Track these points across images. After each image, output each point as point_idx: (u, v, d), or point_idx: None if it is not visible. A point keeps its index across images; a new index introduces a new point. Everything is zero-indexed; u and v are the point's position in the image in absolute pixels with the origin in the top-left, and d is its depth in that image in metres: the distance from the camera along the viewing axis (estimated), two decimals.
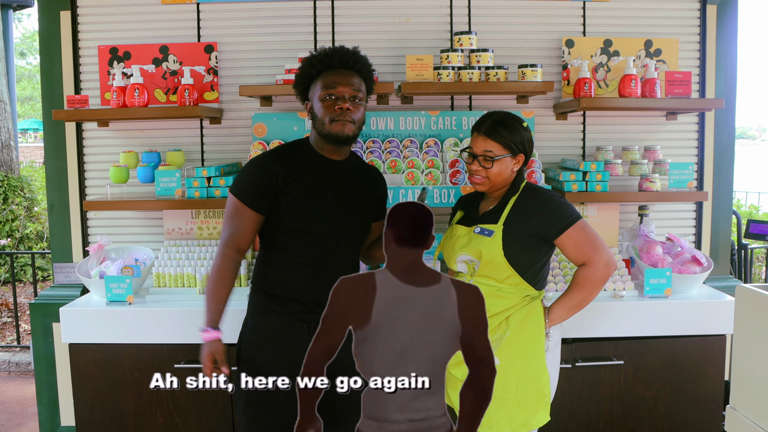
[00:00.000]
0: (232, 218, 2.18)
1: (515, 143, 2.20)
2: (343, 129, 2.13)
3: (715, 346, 2.87)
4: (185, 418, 2.86)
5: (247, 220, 2.17)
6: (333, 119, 2.13)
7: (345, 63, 2.19)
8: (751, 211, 8.94)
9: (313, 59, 2.20)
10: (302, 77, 2.23)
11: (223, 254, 2.17)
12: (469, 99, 3.32)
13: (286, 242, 2.19)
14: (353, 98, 2.15)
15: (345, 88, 2.14)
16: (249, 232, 2.19)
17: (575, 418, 2.88)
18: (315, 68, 2.19)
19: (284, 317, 2.22)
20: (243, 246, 2.20)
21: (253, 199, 2.15)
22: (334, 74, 2.16)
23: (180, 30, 3.28)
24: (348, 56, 2.19)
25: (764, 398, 1.90)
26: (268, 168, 2.17)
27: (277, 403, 2.24)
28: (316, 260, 2.18)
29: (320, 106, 2.14)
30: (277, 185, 2.16)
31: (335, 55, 2.18)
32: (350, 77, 2.17)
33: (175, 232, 3.28)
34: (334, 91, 2.14)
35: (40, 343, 3.31)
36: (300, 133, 3.17)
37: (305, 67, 2.21)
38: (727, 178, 3.40)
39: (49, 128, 3.30)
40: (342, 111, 2.12)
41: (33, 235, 7.74)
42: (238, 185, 2.19)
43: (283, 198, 2.16)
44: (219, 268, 2.17)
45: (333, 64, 2.18)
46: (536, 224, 2.17)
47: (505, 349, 2.18)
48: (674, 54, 3.30)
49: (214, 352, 2.11)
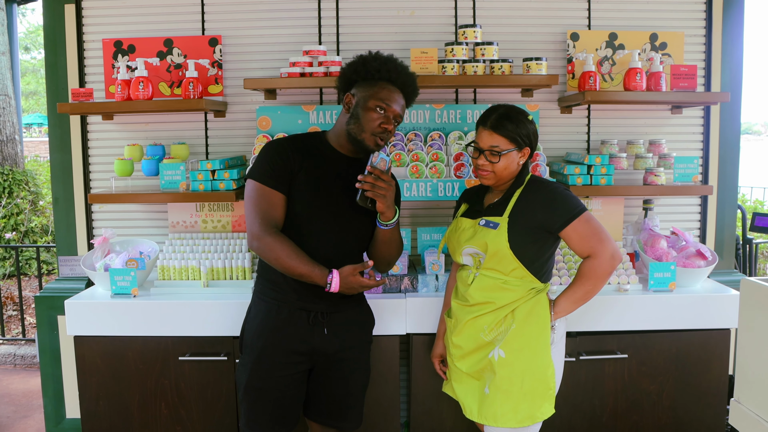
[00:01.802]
0: (258, 202, 2.17)
1: (521, 136, 2.19)
2: (377, 146, 2.19)
3: (719, 340, 2.87)
4: (190, 411, 2.87)
5: (274, 199, 2.18)
6: (374, 134, 2.17)
7: (406, 87, 2.25)
8: (756, 205, 8.92)
9: (380, 62, 2.23)
10: (358, 70, 2.24)
11: (268, 233, 2.13)
12: (473, 92, 3.32)
13: (287, 229, 2.21)
14: (396, 119, 2.21)
15: (396, 110, 2.20)
16: (279, 210, 2.18)
17: (579, 411, 2.88)
18: (379, 73, 2.21)
19: (284, 305, 2.24)
20: (279, 223, 2.18)
21: (276, 180, 2.17)
22: (395, 92, 2.21)
23: (184, 23, 3.28)
24: (411, 81, 2.26)
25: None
26: (285, 150, 2.20)
27: (276, 389, 2.26)
28: (314, 250, 2.19)
29: (366, 116, 2.17)
30: (293, 167, 2.18)
31: (402, 74, 2.23)
32: (402, 99, 2.24)
33: (180, 225, 3.28)
34: (387, 110, 2.18)
35: (45, 335, 3.32)
36: (304, 127, 3.17)
37: (368, 63, 2.22)
38: (732, 172, 3.39)
39: (54, 121, 3.31)
40: (384, 131, 2.18)
41: (38, 228, 7.75)
42: (258, 170, 2.20)
43: (294, 182, 2.19)
44: (276, 242, 2.12)
45: (396, 81, 2.22)
46: (541, 216, 2.17)
47: (510, 341, 2.18)
48: (680, 47, 3.29)
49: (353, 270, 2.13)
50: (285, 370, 2.26)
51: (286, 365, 2.26)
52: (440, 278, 2.92)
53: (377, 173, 2.12)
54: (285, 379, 2.27)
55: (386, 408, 2.87)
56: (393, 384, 2.86)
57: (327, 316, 2.27)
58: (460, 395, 2.33)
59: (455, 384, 2.36)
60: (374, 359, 2.68)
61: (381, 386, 2.84)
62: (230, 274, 2.94)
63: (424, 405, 2.87)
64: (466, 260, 2.29)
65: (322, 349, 2.28)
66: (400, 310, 2.80)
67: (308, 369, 2.33)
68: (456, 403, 2.44)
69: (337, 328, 2.29)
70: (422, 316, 2.80)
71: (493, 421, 2.19)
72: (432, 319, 2.77)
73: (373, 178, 2.11)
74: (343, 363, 2.35)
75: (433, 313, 2.77)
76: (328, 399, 2.37)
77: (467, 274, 2.28)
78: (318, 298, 2.24)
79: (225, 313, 2.78)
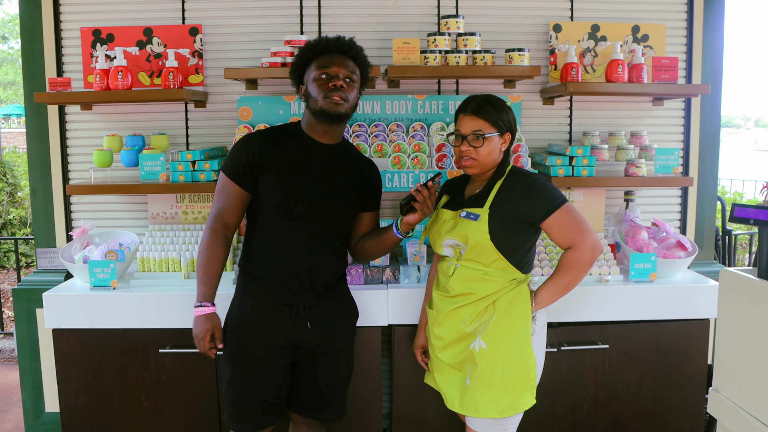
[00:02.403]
0: (220, 194, 2.24)
1: (502, 121, 2.20)
2: (335, 106, 2.17)
3: (698, 330, 2.90)
4: (170, 403, 2.85)
5: (232, 196, 2.21)
6: (326, 96, 2.16)
7: (341, 48, 2.25)
8: (735, 198, 9.02)
9: (311, 44, 2.26)
10: (299, 61, 2.27)
11: (211, 228, 2.21)
12: (456, 83, 3.31)
13: (266, 221, 2.23)
14: (347, 78, 2.20)
15: (340, 69, 2.19)
16: (235, 207, 2.22)
17: (560, 401, 2.89)
18: (312, 52, 2.24)
19: (266, 300, 2.23)
20: (230, 221, 2.23)
21: (237, 174, 2.20)
22: (330, 57, 2.22)
23: (164, 12, 3.23)
24: (344, 43, 2.26)
25: (747, 381, 1.92)
26: (252, 144, 2.22)
27: (259, 383, 2.26)
28: (293, 241, 2.20)
29: (314, 85, 2.18)
30: (259, 162, 2.19)
31: (332, 41, 2.25)
32: (345, 60, 2.23)
33: (160, 217, 3.25)
34: (328, 70, 2.19)
35: (23, 329, 3.28)
36: (285, 117, 3.15)
37: (302, 52, 2.26)
38: (712, 164, 3.41)
39: (31, 111, 3.25)
40: (336, 88, 2.17)
41: (16, 220, 7.66)
42: (227, 162, 2.24)
43: (264, 175, 2.20)
44: (208, 242, 2.20)
45: (330, 49, 2.23)
46: (522, 208, 2.17)
47: (491, 332, 2.18)
48: (661, 40, 3.30)
49: (214, 326, 2.15)
50: (268, 363, 2.25)
51: (269, 359, 2.25)
52: (422, 269, 2.92)
53: (433, 191, 2.18)
54: (268, 373, 2.26)
55: (368, 399, 2.87)
56: (375, 375, 2.86)
57: (309, 310, 2.26)
58: (442, 386, 2.33)
59: (437, 375, 2.36)
60: (356, 350, 2.68)
61: (363, 377, 2.84)
62: None
63: (406, 396, 2.87)
64: (447, 251, 2.28)
65: (305, 342, 2.27)
66: (381, 301, 2.80)
67: (291, 362, 2.32)
68: (438, 394, 2.44)
69: (320, 322, 2.28)
70: (404, 307, 2.80)
71: (474, 411, 2.19)
72: (414, 310, 2.77)
73: (429, 194, 2.16)
74: (327, 356, 2.34)
75: (415, 304, 2.77)
76: (311, 391, 2.37)
77: (448, 265, 2.28)
78: (300, 291, 2.23)
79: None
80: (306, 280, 2.22)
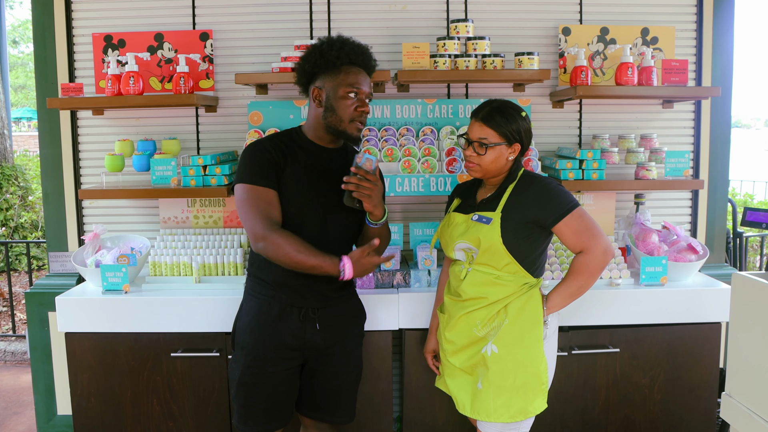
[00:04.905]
0: (254, 203, 2.11)
1: (511, 132, 2.19)
2: (358, 132, 2.18)
3: (710, 334, 2.89)
4: (182, 407, 2.86)
5: (269, 198, 2.14)
6: (353, 120, 2.16)
7: (367, 65, 2.22)
8: (746, 199, 8.97)
9: (343, 49, 2.15)
10: (321, 59, 2.16)
11: (274, 231, 2.08)
12: (465, 87, 3.31)
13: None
14: (368, 100, 2.20)
15: (367, 90, 2.18)
16: (275, 206, 2.14)
17: (571, 405, 2.89)
18: (341, 60, 2.15)
19: (275, 302, 2.23)
20: (279, 219, 2.14)
21: (266, 178, 2.13)
22: (360, 73, 2.18)
23: (175, 18, 3.25)
24: (371, 58, 2.23)
25: (760, 385, 1.91)
26: (268, 149, 2.18)
27: (268, 385, 2.26)
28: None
29: (342, 103, 2.14)
30: (279, 163, 2.16)
31: (360, 53, 2.18)
32: (368, 78, 2.21)
33: (171, 221, 3.27)
34: (360, 92, 2.16)
35: (35, 332, 3.30)
36: (296, 121, 3.16)
37: (329, 51, 2.15)
38: (722, 167, 3.40)
39: (44, 116, 3.28)
40: (362, 114, 2.16)
41: (28, 224, 7.71)
42: (245, 173, 2.15)
43: (281, 180, 2.17)
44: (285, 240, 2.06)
45: (357, 62, 2.18)
46: (534, 211, 2.17)
47: (503, 336, 2.18)
48: (671, 42, 3.29)
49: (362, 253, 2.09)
50: (277, 366, 2.25)
51: (278, 361, 2.25)
52: (433, 273, 2.93)
53: (362, 173, 2.09)
54: (277, 375, 2.27)
55: (379, 403, 2.88)
56: (386, 379, 2.87)
57: (318, 311, 2.27)
58: (453, 390, 2.34)
59: (448, 379, 2.37)
60: (367, 355, 2.68)
61: (374, 381, 2.84)
62: (222, 270, 2.93)
63: (417, 400, 2.87)
64: (459, 255, 2.29)
65: (314, 344, 2.27)
66: (392, 305, 2.80)
67: (300, 364, 2.33)
68: (449, 398, 2.44)
69: (329, 323, 2.29)
70: (415, 311, 2.80)
71: (485, 416, 2.19)
72: (424, 314, 2.77)
73: (358, 179, 2.08)
74: (335, 358, 2.35)
75: (426, 308, 2.77)
76: (320, 394, 2.37)
77: (460, 269, 2.29)
78: (309, 293, 2.24)
79: (217, 309, 2.77)
80: (314, 283, 2.23)
